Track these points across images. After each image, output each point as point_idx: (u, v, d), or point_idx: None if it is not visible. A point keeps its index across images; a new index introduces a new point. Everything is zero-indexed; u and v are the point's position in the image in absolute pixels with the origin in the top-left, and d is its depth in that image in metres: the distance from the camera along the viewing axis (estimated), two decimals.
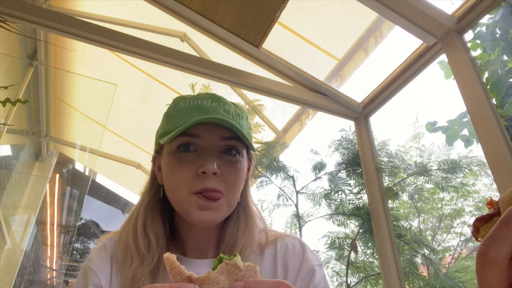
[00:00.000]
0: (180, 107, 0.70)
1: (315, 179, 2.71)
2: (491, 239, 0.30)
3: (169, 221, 0.75)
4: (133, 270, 0.66)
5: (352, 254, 2.41)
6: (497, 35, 1.99)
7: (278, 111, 3.14)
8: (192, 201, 0.65)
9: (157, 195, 0.74)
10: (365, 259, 2.61)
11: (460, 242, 5.33)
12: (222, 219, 0.70)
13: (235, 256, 0.42)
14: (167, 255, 0.42)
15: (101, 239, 0.76)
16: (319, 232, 2.80)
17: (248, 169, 0.76)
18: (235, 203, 0.71)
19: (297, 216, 2.71)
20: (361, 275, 2.46)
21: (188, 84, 2.59)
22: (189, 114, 0.68)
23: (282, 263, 0.72)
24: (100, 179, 6.00)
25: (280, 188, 2.85)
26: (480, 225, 0.35)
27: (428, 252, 2.38)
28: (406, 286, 1.98)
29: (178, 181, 0.66)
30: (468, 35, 1.72)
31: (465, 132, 2.49)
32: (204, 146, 0.68)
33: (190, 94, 0.74)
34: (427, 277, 2.27)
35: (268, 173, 2.85)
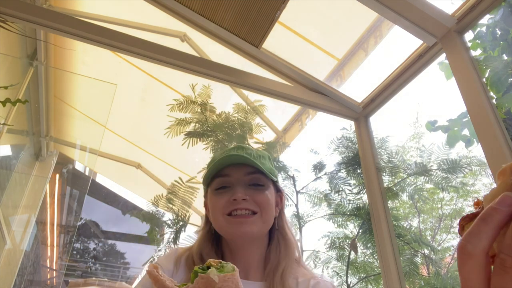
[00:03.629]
0: (214, 160, 0.89)
1: (315, 179, 2.71)
2: (469, 234, 0.31)
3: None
4: None
5: (352, 254, 2.41)
6: (497, 35, 1.99)
7: (278, 111, 3.14)
8: (229, 221, 0.82)
9: (210, 231, 0.90)
10: (365, 259, 2.61)
11: None
12: (261, 233, 0.84)
13: (210, 268, 0.43)
14: (149, 268, 0.43)
15: (179, 247, 0.92)
16: (319, 232, 2.80)
17: (281, 200, 0.92)
18: (270, 220, 0.85)
19: (297, 216, 2.71)
20: (361, 275, 2.46)
21: (188, 84, 2.59)
22: (221, 162, 0.86)
23: None
24: (100, 179, 6.01)
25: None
26: (465, 223, 0.36)
27: (428, 252, 2.38)
28: (407, 286, 1.98)
29: (216, 209, 0.84)
30: (468, 35, 1.72)
31: (465, 132, 2.49)
32: (234, 182, 0.85)
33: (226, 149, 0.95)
34: (427, 277, 2.27)
35: None
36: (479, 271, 0.32)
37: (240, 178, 0.85)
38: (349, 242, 2.45)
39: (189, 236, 2.44)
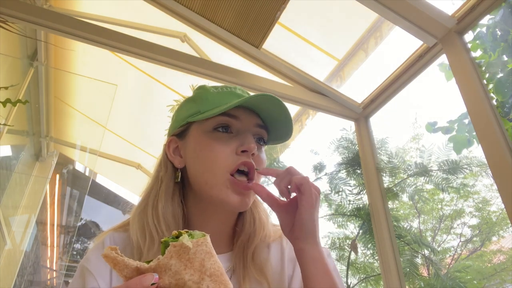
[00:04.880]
0: (213, 92, 0.71)
1: (315, 180, 2.71)
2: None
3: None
4: (152, 255, 0.62)
5: (353, 255, 2.41)
6: (498, 36, 1.99)
7: None
8: (229, 184, 0.64)
9: (173, 179, 0.71)
10: (365, 259, 2.61)
11: (460, 243, 5.32)
12: None
13: (181, 236, 0.40)
14: (106, 252, 0.38)
15: (100, 236, 0.72)
16: (319, 233, 2.80)
17: None
18: None
19: None
20: (362, 275, 2.46)
21: (189, 85, 2.59)
22: (226, 97, 0.69)
23: (289, 258, 0.73)
24: (100, 180, 6.01)
25: None
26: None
27: (428, 252, 2.38)
28: (407, 287, 1.97)
29: (215, 159, 0.64)
30: (468, 36, 1.72)
31: (465, 133, 2.48)
32: (241, 128, 0.68)
33: (213, 85, 0.75)
34: (427, 278, 2.27)
35: None
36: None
37: (249, 127, 0.69)
38: (349, 243, 2.45)
39: None
